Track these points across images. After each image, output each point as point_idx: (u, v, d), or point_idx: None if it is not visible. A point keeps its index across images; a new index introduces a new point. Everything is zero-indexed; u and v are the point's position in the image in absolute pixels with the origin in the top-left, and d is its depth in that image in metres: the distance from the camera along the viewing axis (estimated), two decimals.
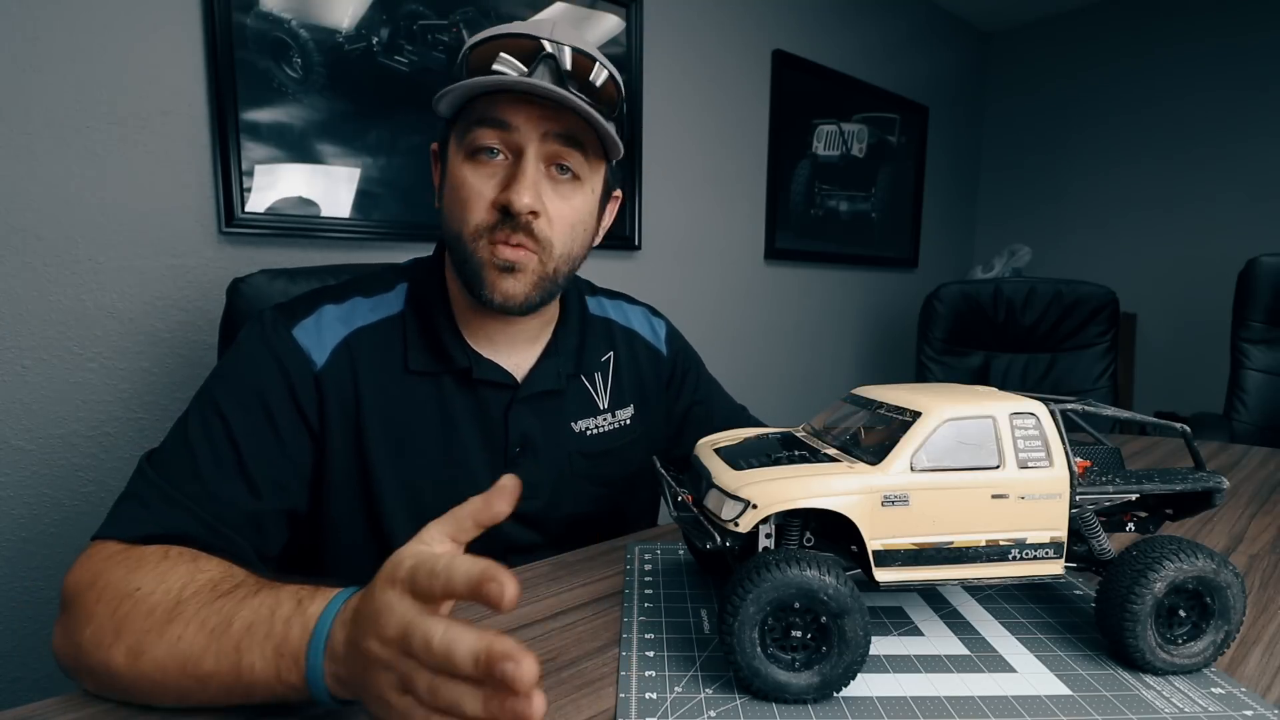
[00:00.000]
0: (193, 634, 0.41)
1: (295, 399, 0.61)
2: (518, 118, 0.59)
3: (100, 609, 0.44)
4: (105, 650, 0.43)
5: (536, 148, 0.59)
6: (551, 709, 0.43)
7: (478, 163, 0.60)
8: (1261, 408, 1.81)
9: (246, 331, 0.63)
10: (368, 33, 1.37)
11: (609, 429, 0.76)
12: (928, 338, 2.14)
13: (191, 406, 0.59)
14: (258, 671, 0.39)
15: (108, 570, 0.47)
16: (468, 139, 0.60)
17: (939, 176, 2.98)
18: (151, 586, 0.45)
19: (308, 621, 0.39)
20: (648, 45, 1.86)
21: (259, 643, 0.39)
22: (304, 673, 0.38)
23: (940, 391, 0.51)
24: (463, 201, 0.61)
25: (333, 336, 0.63)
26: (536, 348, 0.72)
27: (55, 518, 1.14)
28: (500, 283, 0.61)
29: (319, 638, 0.38)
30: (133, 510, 0.53)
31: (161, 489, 0.53)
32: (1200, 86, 2.58)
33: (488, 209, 0.60)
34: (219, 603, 0.42)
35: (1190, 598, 0.46)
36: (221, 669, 0.40)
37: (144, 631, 0.42)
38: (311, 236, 1.34)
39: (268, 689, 0.40)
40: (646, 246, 1.94)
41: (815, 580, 0.41)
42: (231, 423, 0.57)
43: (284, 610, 0.40)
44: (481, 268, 0.61)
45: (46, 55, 1.07)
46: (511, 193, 0.58)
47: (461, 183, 0.60)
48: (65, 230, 1.11)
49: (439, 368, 0.66)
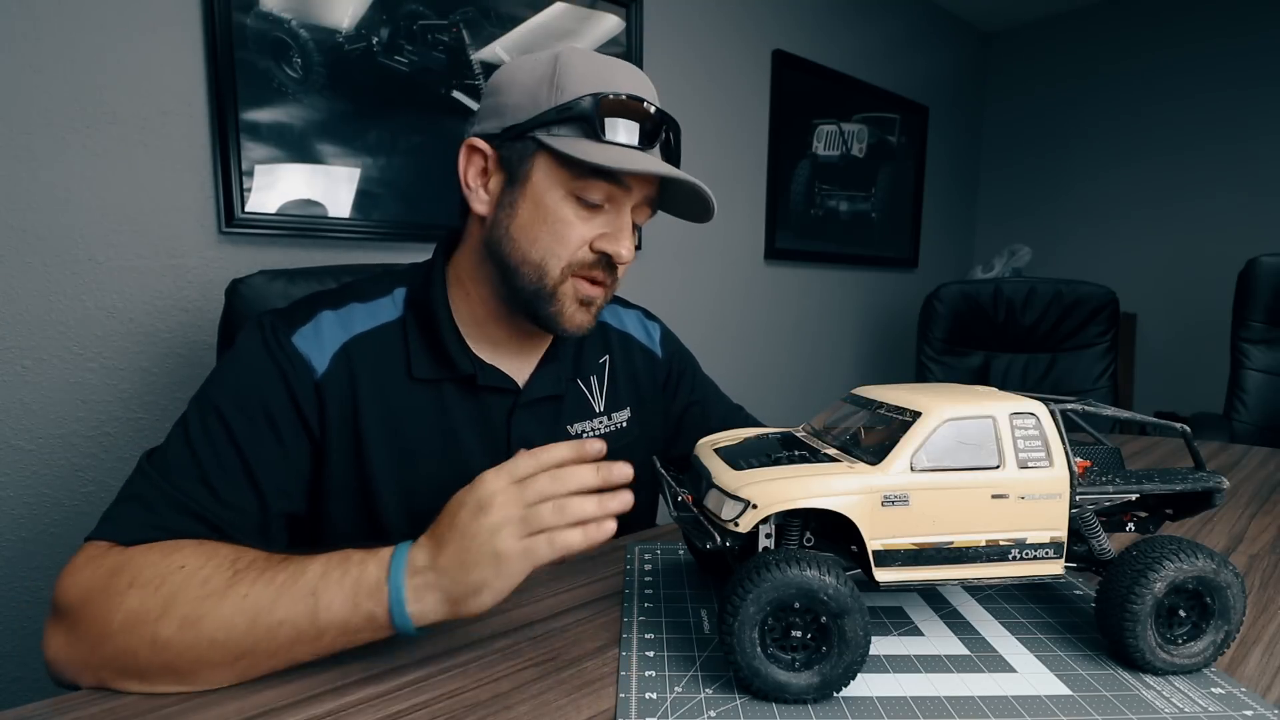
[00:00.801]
0: (260, 590, 0.45)
1: (297, 406, 0.61)
2: (636, 183, 0.63)
3: (136, 591, 0.45)
4: (150, 626, 0.44)
5: (634, 204, 0.65)
6: (551, 709, 0.43)
7: (583, 207, 0.62)
8: (1261, 408, 1.81)
9: (246, 337, 0.63)
10: (368, 33, 1.37)
11: (605, 432, 0.76)
12: (928, 338, 2.14)
13: (191, 410, 0.58)
14: (335, 609, 0.45)
15: (134, 559, 0.48)
16: (580, 184, 0.61)
17: (939, 176, 2.98)
18: (199, 562, 0.47)
19: (382, 557, 0.47)
20: (648, 45, 1.86)
21: (335, 582, 0.45)
22: (386, 595, 0.45)
23: (940, 391, 0.51)
24: (562, 237, 0.62)
25: (332, 343, 0.63)
26: (537, 354, 0.72)
27: (55, 518, 1.14)
28: (578, 315, 0.65)
29: (398, 562, 0.46)
30: (134, 512, 0.52)
31: (167, 493, 0.53)
32: (1200, 86, 2.58)
33: (585, 249, 0.63)
34: (281, 564, 0.47)
35: (1190, 598, 0.46)
36: (296, 612, 0.44)
37: (202, 598, 0.45)
38: (312, 236, 1.34)
39: (342, 625, 0.45)
40: (646, 247, 1.94)
41: (815, 580, 0.41)
42: (234, 429, 0.57)
43: (355, 556, 0.47)
44: (564, 299, 0.64)
45: (46, 55, 1.07)
46: (620, 245, 0.63)
47: (563, 219, 0.62)
48: (65, 230, 1.11)
49: (442, 374, 0.66)
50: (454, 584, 0.45)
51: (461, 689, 0.45)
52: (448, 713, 0.43)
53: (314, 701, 0.44)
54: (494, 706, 0.43)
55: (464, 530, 0.45)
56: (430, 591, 0.45)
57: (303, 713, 0.43)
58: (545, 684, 0.46)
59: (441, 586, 0.45)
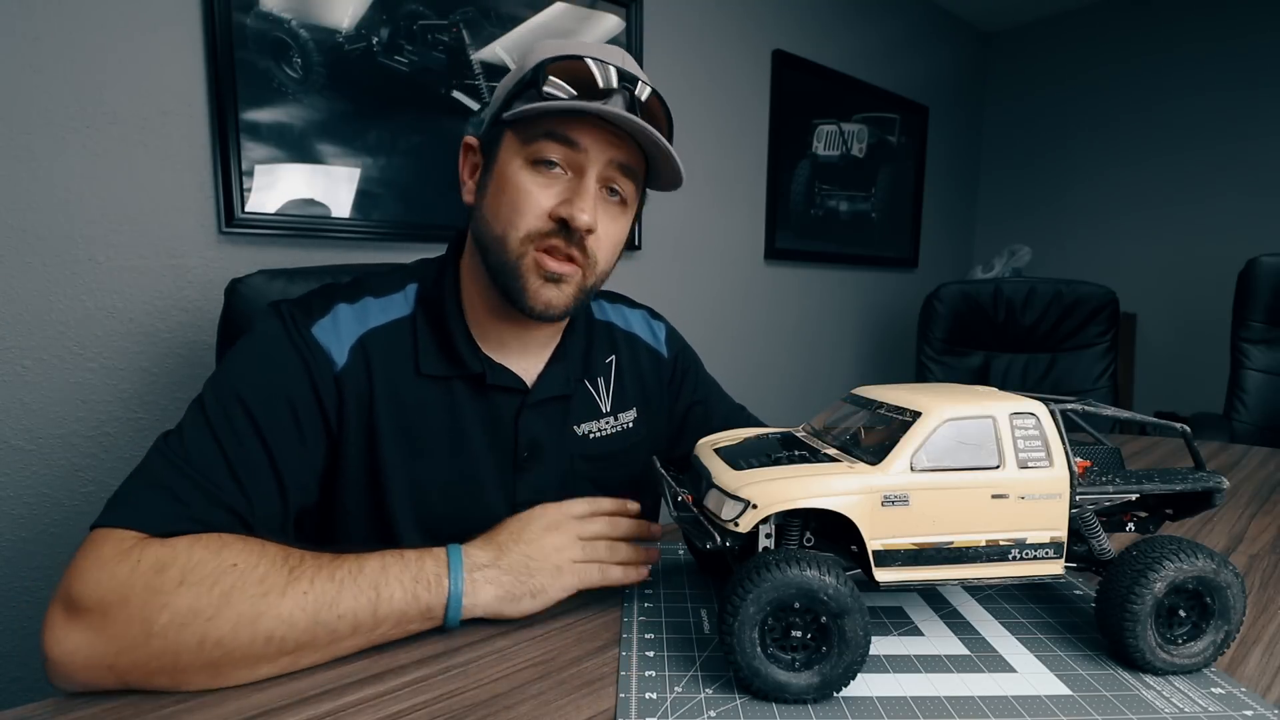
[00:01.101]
0: (322, 586, 0.47)
1: (319, 400, 0.61)
2: (586, 139, 0.60)
3: (187, 590, 0.45)
4: (200, 625, 0.44)
5: (598, 170, 0.62)
6: (551, 709, 0.43)
7: (538, 172, 0.61)
8: (1261, 408, 1.81)
9: (264, 326, 0.62)
10: (368, 33, 1.37)
11: (611, 432, 0.76)
12: (928, 338, 2.14)
13: (209, 396, 0.57)
14: (395, 601, 0.49)
15: (180, 556, 0.46)
16: (532, 147, 0.61)
17: (939, 176, 2.98)
18: (252, 560, 0.47)
19: (438, 555, 0.52)
20: (648, 45, 1.86)
21: (395, 576, 0.49)
22: (446, 586, 0.50)
23: (940, 391, 0.51)
24: (516, 205, 0.61)
25: (349, 336, 0.63)
26: (546, 353, 0.72)
27: (55, 518, 1.14)
28: (543, 291, 0.63)
29: (456, 559, 0.52)
30: (165, 503, 0.50)
31: (198, 484, 0.52)
32: (1200, 87, 2.58)
33: (543, 217, 0.61)
34: (336, 561, 0.49)
35: (1190, 598, 0.46)
36: (359, 605, 0.48)
37: (260, 596, 0.46)
38: (312, 236, 1.34)
39: (400, 615, 0.49)
40: (646, 246, 1.94)
41: (815, 580, 0.41)
42: (260, 422, 0.56)
43: (410, 553, 0.52)
44: (527, 273, 0.62)
45: (46, 55, 1.07)
46: (575, 209, 0.60)
47: (518, 187, 0.61)
48: (65, 230, 1.11)
49: (451, 372, 0.66)
50: (515, 583, 0.53)
51: (461, 689, 0.45)
52: (448, 713, 0.43)
53: (314, 701, 0.44)
54: (494, 706, 0.43)
55: (532, 541, 0.55)
56: (488, 586, 0.52)
57: (303, 713, 0.43)
58: (545, 684, 0.46)
59: (502, 584, 0.52)
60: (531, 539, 0.55)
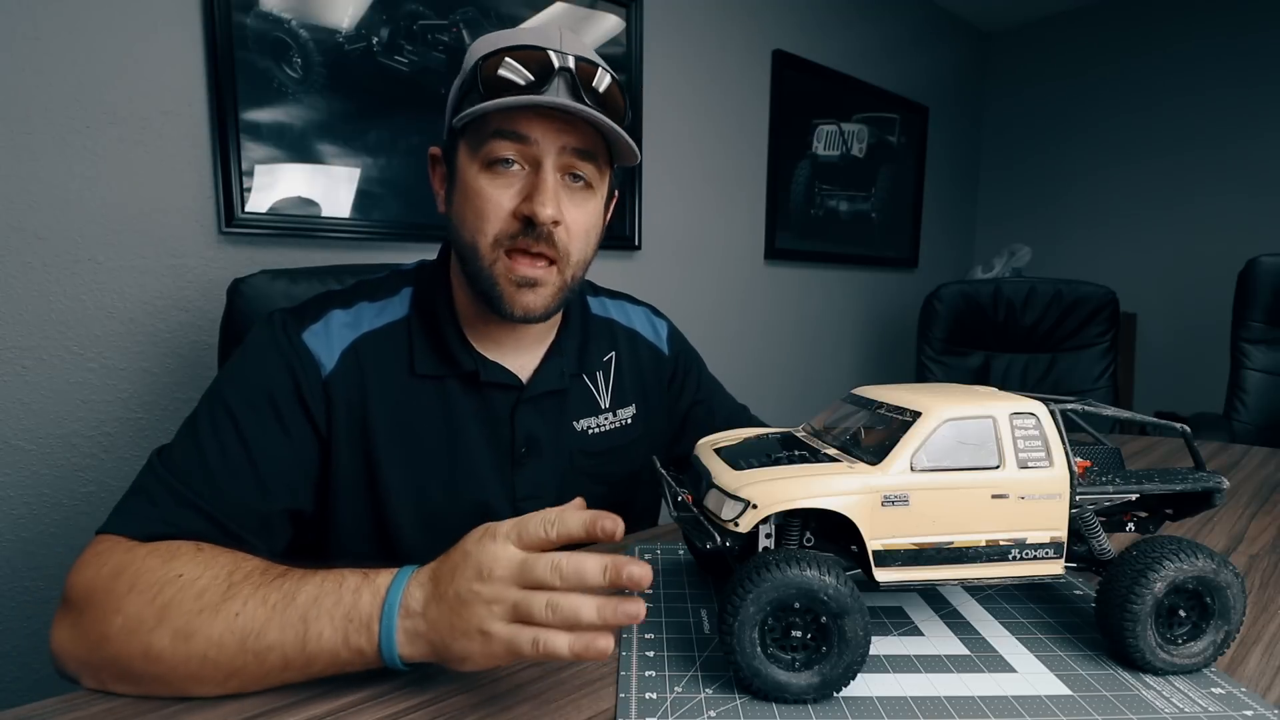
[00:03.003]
0: (253, 610, 0.43)
1: (303, 401, 0.61)
2: (535, 131, 0.59)
3: (134, 597, 0.44)
4: (145, 635, 0.43)
5: (554, 160, 0.60)
6: (551, 709, 0.43)
7: (494, 173, 0.60)
8: (1261, 408, 1.81)
9: (256, 333, 0.63)
10: (368, 33, 1.37)
11: (610, 428, 0.76)
12: (928, 338, 2.14)
13: (201, 405, 0.59)
14: (325, 639, 0.42)
15: (135, 561, 0.47)
16: (484, 150, 0.60)
17: (939, 176, 2.98)
18: (196, 572, 0.46)
19: (378, 588, 0.43)
20: (648, 45, 1.86)
21: (327, 611, 0.43)
22: (376, 633, 0.42)
23: (940, 391, 0.51)
24: (480, 211, 0.61)
25: (340, 341, 0.64)
26: (541, 349, 0.72)
27: (55, 518, 1.14)
28: (520, 297, 0.62)
29: (393, 598, 0.42)
30: (142, 507, 0.53)
31: (171, 486, 0.54)
32: (1200, 86, 2.58)
33: (507, 219, 0.60)
34: (276, 582, 0.45)
35: (1190, 598, 0.46)
36: (285, 639, 0.42)
37: (195, 612, 0.43)
38: (312, 237, 1.34)
39: (331, 655, 0.43)
40: (646, 246, 1.94)
41: (815, 580, 0.41)
42: (241, 422, 0.57)
43: (350, 582, 0.44)
44: (500, 281, 0.62)
45: (46, 55, 1.07)
46: (535, 204, 0.59)
47: (478, 193, 0.61)
48: (65, 230, 1.11)
49: (445, 371, 0.67)
50: (440, 645, 0.42)
51: (461, 689, 0.45)
52: (447, 713, 0.43)
53: (314, 701, 0.44)
54: (494, 706, 0.43)
55: (460, 593, 0.41)
56: (419, 640, 0.42)
57: (302, 713, 0.43)
58: (545, 684, 0.46)
59: (430, 641, 0.42)
60: (461, 588, 0.41)
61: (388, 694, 0.44)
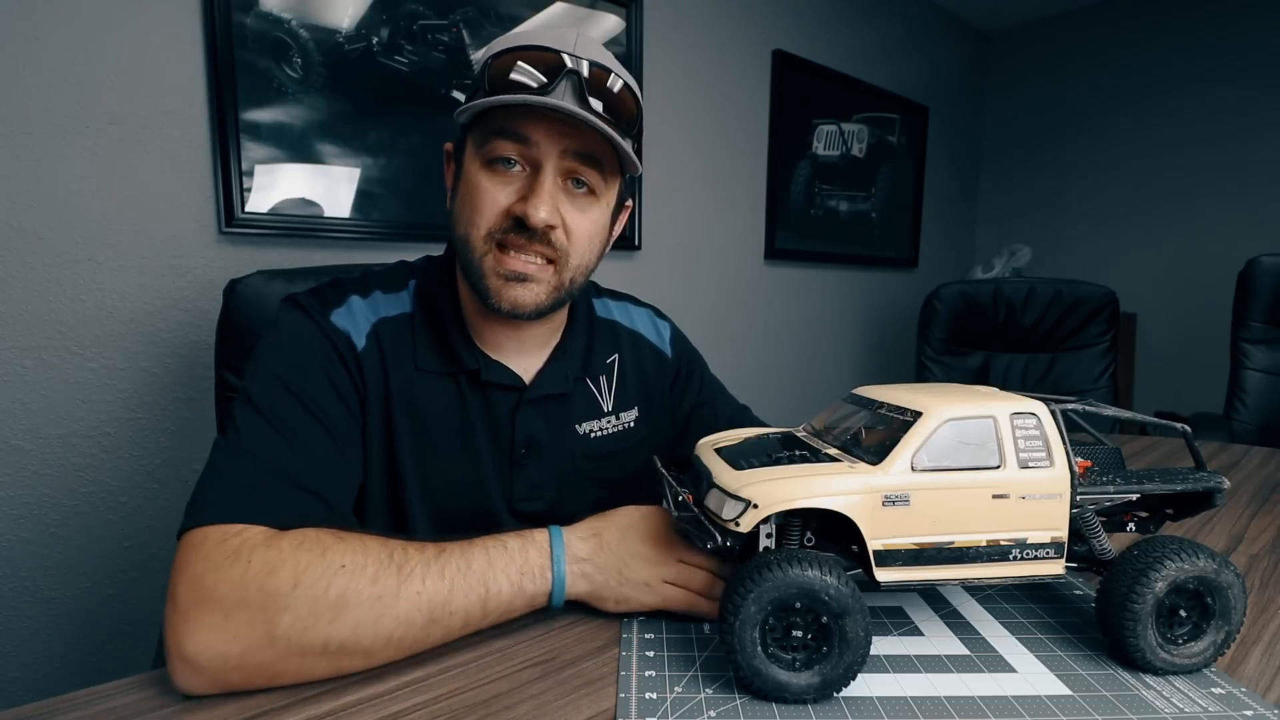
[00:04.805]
0: (433, 584, 0.48)
1: (351, 377, 0.62)
2: (537, 133, 0.59)
3: (302, 594, 0.45)
4: (322, 629, 0.45)
5: (555, 163, 0.60)
6: (551, 709, 0.43)
7: (494, 171, 0.60)
8: (1261, 408, 1.81)
9: (287, 317, 0.63)
10: (368, 33, 1.37)
11: (613, 431, 0.76)
12: (928, 338, 2.14)
13: (255, 390, 0.57)
14: (502, 594, 0.50)
15: (287, 557, 0.46)
16: (486, 148, 0.60)
17: (939, 176, 2.98)
18: (358, 560, 0.48)
19: (540, 545, 0.53)
20: (648, 45, 1.86)
21: (501, 569, 0.50)
22: (549, 578, 0.52)
23: (940, 391, 0.51)
24: (476, 206, 0.61)
25: (365, 322, 0.65)
26: (544, 351, 0.72)
27: (55, 518, 1.14)
28: (508, 291, 0.61)
29: (558, 551, 0.52)
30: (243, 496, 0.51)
31: (272, 471, 0.53)
32: (1200, 86, 2.58)
33: (501, 215, 0.60)
34: (443, 557, 0.50)
35: (1191, 598, 0.46)
36: (470, 603, 0.49)
37: (375, 599, 0.46)
38: (312, 237, 1.34)
39: (506, 606, 0.51)
40: (646, 246, 1.94)
41: (816, 580, 0.41)
42: (307, 402, 0.57)
43: (513, 542, 0.52)
44: (488, 274, 0.61)
45: (46, 55, 1.07)
46: (529, 206, 0.58)
47: (476, 188, 0.61)
48: (65, 230, 1.11)
49: (447, 368, 0.67)
50: (605, 586, 0.53)
51: (461, 689, 0.45)
52: (447, 713, 0.43)
53: (314, 701, 0.44)
54: (494, 706, 0.43)
55: (632, 548, 0.54)
56: (584, 580, 0.53)
57: (303, 713, 0.43)
58: (545, 684, 0.46)
59: (594, 582, 0.53)
60: (631, 545, 0.54)
61: (388, 694, 0.45)
